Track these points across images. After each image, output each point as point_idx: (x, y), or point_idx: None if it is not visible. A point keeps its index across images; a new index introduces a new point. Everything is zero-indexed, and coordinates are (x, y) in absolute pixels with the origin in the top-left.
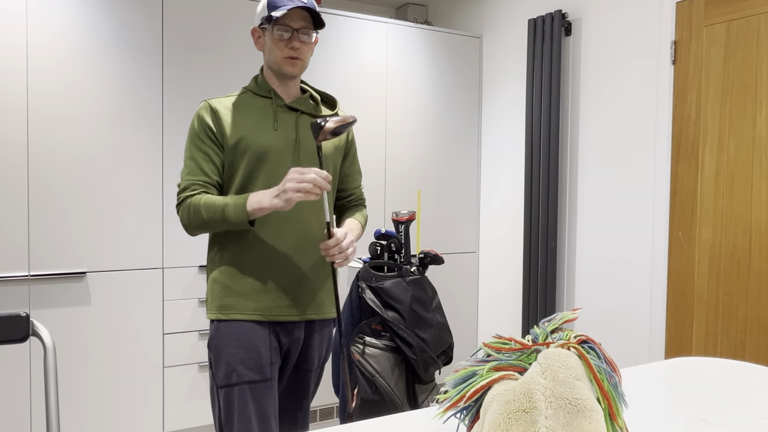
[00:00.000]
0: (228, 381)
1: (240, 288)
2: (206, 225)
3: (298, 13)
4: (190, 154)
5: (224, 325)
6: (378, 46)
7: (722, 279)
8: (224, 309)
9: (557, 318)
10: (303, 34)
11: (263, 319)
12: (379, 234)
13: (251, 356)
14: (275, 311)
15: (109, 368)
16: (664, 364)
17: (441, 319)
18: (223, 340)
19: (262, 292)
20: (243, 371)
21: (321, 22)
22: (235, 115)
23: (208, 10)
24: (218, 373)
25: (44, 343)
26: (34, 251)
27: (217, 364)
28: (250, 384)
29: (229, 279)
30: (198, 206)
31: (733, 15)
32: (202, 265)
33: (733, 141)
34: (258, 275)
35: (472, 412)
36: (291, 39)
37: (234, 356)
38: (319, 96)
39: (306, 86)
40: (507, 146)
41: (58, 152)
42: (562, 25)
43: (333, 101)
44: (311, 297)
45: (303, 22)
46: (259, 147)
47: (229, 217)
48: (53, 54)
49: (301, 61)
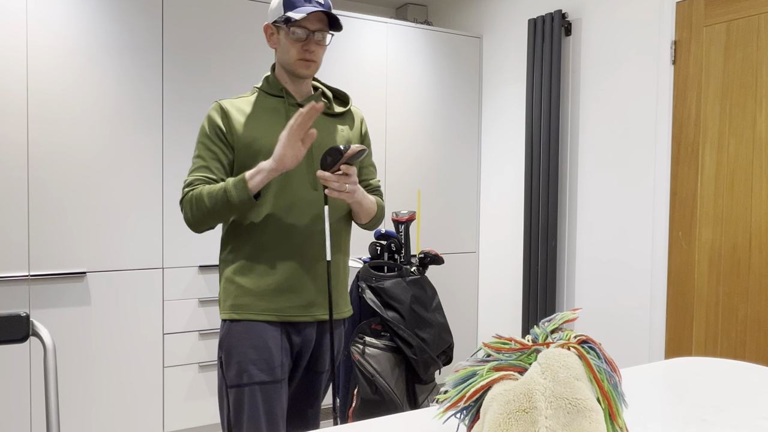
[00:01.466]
0: (239, 381)
1: (253, 288)
2: (211, 214)
3: (316, 15)
4: (198, 153)
5: (237, 325)
6: (378, 46)
7: (722, 279)
8: (237, 309)
9: (557, 318)
10: (319, 37)
11: (276, 320)
12: (379, 234)
13: (263, 357)
14: (288, 312)
15: (109, 368)
16: (664, 364)
17: (441, 319)
18: (235, 340)
19: (275, 292)
20: (254, 372)
21: (339, 24)
22: (247, 116)
23: (208, 10)
24: (229, 373)
25: (44, 343)
26: (34, 251)
27: (228, 364)
28: (261, 385)
29: (243, 279)
30: (200, 196)
31: (733, 15)
32: (202, 265)
33: (733, 141)
34: (271, 275)
35: (472, 412)
36: (307, 41)
37: (246, 356)
38: (331, 93)
39: (318, 83)
40: (507, 146)
41: (58, 152)
42: (562, 25)
43: (345, 97)
44: (324, 297)
45: (320, 24)
46: (272, 147)
47: (231, 196)
48: (53, 54)
49: (316, 63)
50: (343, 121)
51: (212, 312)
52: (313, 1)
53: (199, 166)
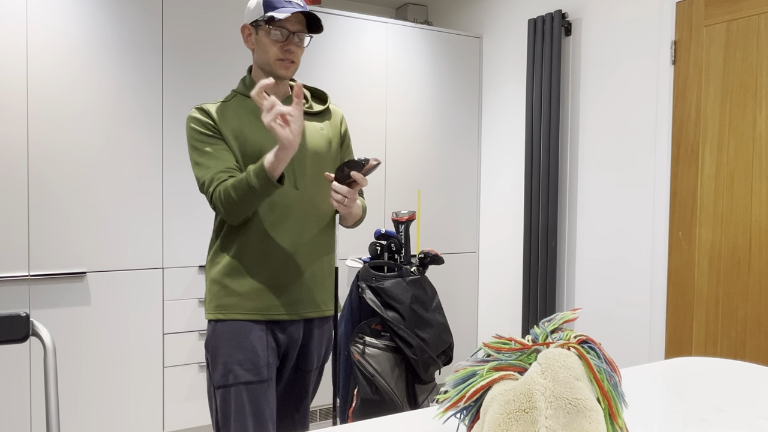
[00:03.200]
0: (225, 381)
1: (238, 288)
2: (241, 204)
3: (296, 16)
4: (201, 153)
5: (222, 325)
6: (378, 46)
7: (722, 279)
8: (222, 309)
9: (557, 318)
10: (298, 38)
11: (261, 319)
12: (379, 234)
13: (248, 357)
14: (273, 310)
15: (109, 368)
16: (664, 364)
17: (441, 319)
18: (221, 341)
19: (260, 291)
20: (240, 372)
21: (319, 26)
22: (229, 118)
23: (208, 11)
24: (215, 374)
25: (44, 343)
26: (34, 251)
27: (214, 365)
28: (247, 385)
29: (227, 279)
30: (227, 190)
31: (733, 15)
32: (202, 265)
33: (733, 141)
34: (256, 275)
35: (472, 412)
36: (287, 42)
37: (231, 357)
38: (310, 92)
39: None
40: (507, 146)
41: (58, 152)
42: (562, 25)
43: (324, 96)
44: (309, 295)
45: (299, 26)
46: (258, 147)
47: (254, 184)
48: (53, 54)
49: (295, 63)
50: (322, 119)
51: None
52: (293, 2)
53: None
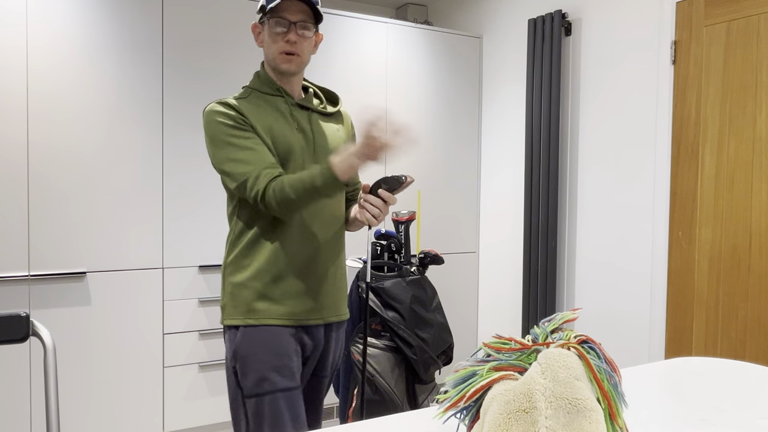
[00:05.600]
0: (259, 390)
1: (270, 292)
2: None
3: (296, 6)
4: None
5: (253, 331)
6: (378, 46)
7: (722, 279)
8: (254, 314)
9: (557, 318)
10: (301, 28)
11: (292, 324)
12: (379, 234)
13: (285, 363)
14: (303, 315)
15: (109, 368)
16: (664, 364)
17: (441, 319)
18: (254, 347)
19: (290, 296)
20: (277, 378)
21: (319, 15)
22: (256, 114)
23: (208, 10)
24: (246, 382)
25: (44, 343)
26: (34, 251)
27: (244, 373)
28: (284, 392)
29: (259, 283)
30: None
31: (733, 15)
32: (202, 265)
33: (733, 141)
34: (286, 279)
35: (472, 412)
36: (289, 32)
37: (265, 363)
38: (322, 93)
39: (307, 83)
40: (507, 146)
41: (58, 152)
42: (562, 25)
43: (335, 97)
44: (332, 298)
45: (301, 15)
46: (286, 145)
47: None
48: (53, 54)
49: (299, 57)
50: (336, 121)
51: (212, 312)
52: None
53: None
